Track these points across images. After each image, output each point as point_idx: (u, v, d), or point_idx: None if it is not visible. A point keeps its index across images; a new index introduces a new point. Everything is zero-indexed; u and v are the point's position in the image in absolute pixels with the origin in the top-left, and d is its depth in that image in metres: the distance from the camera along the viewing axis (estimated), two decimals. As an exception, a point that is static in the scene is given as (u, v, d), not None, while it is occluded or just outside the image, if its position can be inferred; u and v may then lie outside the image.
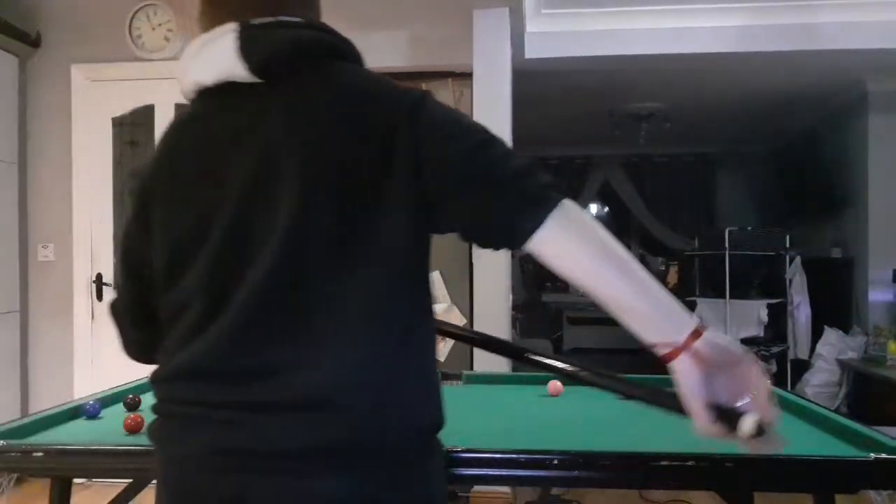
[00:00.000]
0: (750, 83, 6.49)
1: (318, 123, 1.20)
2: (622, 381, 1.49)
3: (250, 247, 1.18)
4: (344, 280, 1.16)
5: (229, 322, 1.17)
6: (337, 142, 1.19)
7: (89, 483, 4.09)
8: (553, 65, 5.33)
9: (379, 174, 1.17)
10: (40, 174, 4.95)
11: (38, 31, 4.93)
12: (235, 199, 1.20)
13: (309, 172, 1.17)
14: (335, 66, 1.26)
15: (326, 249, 1.16)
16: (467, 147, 1.18)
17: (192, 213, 1.24)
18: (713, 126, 8.32)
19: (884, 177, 6.43)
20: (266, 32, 1.25)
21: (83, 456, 1.92)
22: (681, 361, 1.15)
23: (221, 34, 1.26)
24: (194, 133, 1.30)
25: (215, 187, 1.22)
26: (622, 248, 1.16)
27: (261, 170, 1.19)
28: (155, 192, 1.30)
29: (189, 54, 1.30)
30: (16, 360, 4.82)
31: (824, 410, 2.30)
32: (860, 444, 1.92)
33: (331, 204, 1.16)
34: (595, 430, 2.24)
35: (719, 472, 1.82)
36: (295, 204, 1.16)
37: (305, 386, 1.14)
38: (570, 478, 1.94)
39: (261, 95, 1.23)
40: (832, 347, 6.29)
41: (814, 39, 5.02)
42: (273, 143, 1.20)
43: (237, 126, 1.24)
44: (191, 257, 1.22)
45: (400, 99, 1.21)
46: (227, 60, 1.23)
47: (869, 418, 2.54)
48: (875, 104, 6.47)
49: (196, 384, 1.20)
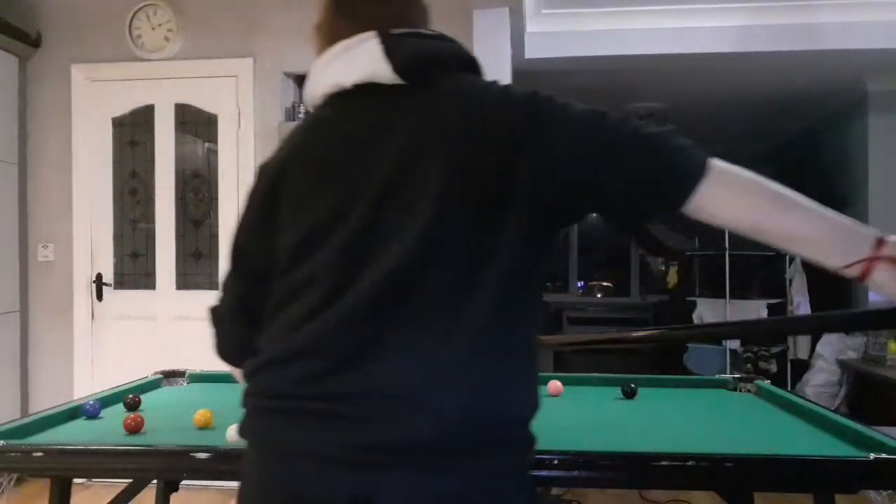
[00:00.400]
0: (750, 83, 6.50)
1: (456, 131, 1.23)
2: (830, 319, 1.55)
3: (380, 240, 1.21)
4: (468, 281, 1.18)
5: (350, 308, 1.19)
6: (472, 150, 1.22)
7: (89, 483, 4.10)
8: (553, 65, 5.34)
9: (507, 183, 1.20)
10: (40, 174, 4.96)
11: (39, 31, 4.94)
12: (370, 193, 1.24)
13: (445, 177, 1.20)
14: (466, 77, 1.33)
15: (456, 249, 1.19)
16: (607, 125, 1.24)
17: (326, 202, 1.28)
18: (713, 125, 8.32)
19: (883, 176, 6.43)
20: (408, 39, 1.34)
21: (83, 456, 1.93)
22: (879, 272, 1.20)
23: (363, 40, 1.33)
24: (329, 131, 1.35)
25: (351, 179, 1.27)
26: (781, 186, 1.24)
27: (398, 169, 1.23)
28: (285, 184, 1.35)
29: (326, 59, 1.37)
30: (16, 359, 4.83)
31: (824, 410, 2.31)
32: (860, 444, 1.93)
33: (465, 210, 1.20)
34: (595, 430, 2.25)
35: (719, 472, 1.82)
36: (431, 206, 1.19)
37: (429, 378, 1.15)
38: (570, 478, 1.94)
39: (400, 97, 1.29)
40: (832, 347, 6.29)
41: (814, 39, 5.03)
42: (412, 145, 1.24)
43: (375, 124, 1.30)
44: (320, 243, 1.25)
45: (522, 104, 1.25)
46: (374, 62, 1.30)
47: (869, 418, 2.54)
48: (875, 104, 6.46)
49: (311, 368, 1.19)
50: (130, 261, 4.97)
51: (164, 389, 2.84)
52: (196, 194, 4.88)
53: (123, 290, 4.94)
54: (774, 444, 2.06)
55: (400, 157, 1.23)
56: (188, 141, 4.96)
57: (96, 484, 3.99)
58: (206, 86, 4.85)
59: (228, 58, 4.79)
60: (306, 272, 1.25)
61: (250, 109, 4.77)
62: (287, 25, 4.74)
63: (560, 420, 2.40)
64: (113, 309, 4.91)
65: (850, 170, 6.85)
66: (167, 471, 2.18)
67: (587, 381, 2.98)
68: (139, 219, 4.98)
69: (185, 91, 4.88)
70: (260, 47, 4.74)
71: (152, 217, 4.93)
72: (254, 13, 4.79)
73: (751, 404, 2.66)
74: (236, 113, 4.80)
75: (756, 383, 2.85)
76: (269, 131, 4.67)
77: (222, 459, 1.83)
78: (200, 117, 4.89)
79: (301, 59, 4.83)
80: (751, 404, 2.66)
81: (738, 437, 2.17)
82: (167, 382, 2.91)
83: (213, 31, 4.80)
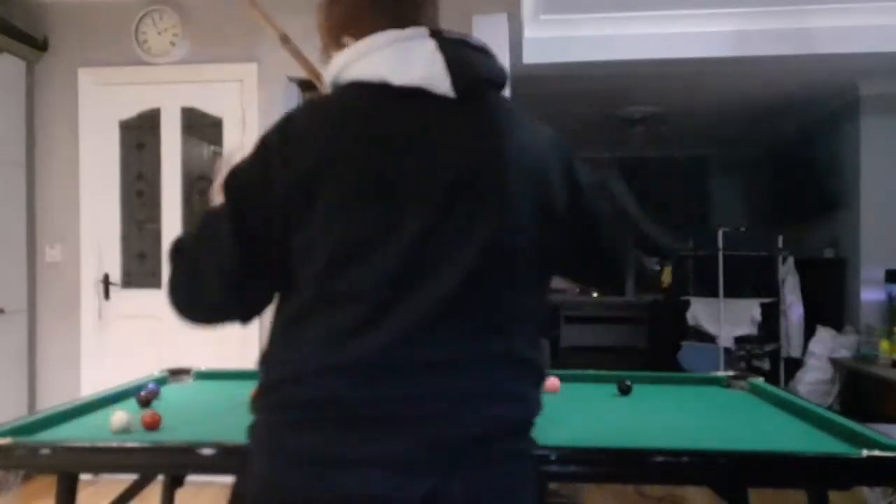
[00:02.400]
0: (744, 87, 6.54)
1: (510, 163, 1.31)
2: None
3: (434, 260, 1.23)
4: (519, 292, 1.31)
5: (414, 319, 1.21)
6: (526, 184, 1.32)
7: (95, 479, 4.15)
8: (551, 70, 5.37)
9: (547, 222, 1.34)
10: (48, 176, 5.00)
11: (46, 36, 4.98)
12: (430, 205, 1.24)
13: (505, 194, 1.29)
14: (508, 102, 1.42)
15: (504, 277, 1.29)
16: (609, 212, 1.49)
17: (375, 212, 1.23)
18: (708, 129, 8.36)
19: (876, 178, 6.49)
20: (463, 50, 1.33)
21: (89, 452, 1.94)
22: None
23: (416, 37, 1.30)
24: (373, 130, 1.27)
25: (404, 192, 1.24)
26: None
27: (458, 182, 1.26)
28: (325, 181, 1.23)
29: (367, 45, 1.30)
30: (23, 359, 4.87)
31: (817, 408, 2.32)
32: (853, 441, 1.94)
33: (524, 225, 1.31)
34: (592, 426, 2.26)
35: (714, 467, 1.86)
36: (493, 222, 1.27)
37: (488, 378, 1.26)
38: (567, 473, 1.97)
39: (450, 110, 1.28)
40: (824, 346, 6.33)
41: (807, 44, 5.05)
42: (468, 167, 1.27)
43: (428, 137, 1.27)
44: (367, 255, 1.21)
45: (562, 146, 1.44)
46: (433, 70, 1.27)
47: (861, 416, 2.59)
48: (867, 107, 6.52)
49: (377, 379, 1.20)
50: (137, 261, 5.03)
51: (170, 387, 2.83)
52: (202, 196, 4.93)
53: (130, 290, 4.99)
54: (768, 440, 2.07)
55: (455, 179, 1.26)
56: (194, 144, 5.01)
57: (103, 480, 4.04)
58: (212, 90, 4.90)
59: (233, 62, 4.83)
60: (352, 282, 1.21)
61: (255, 114, 4.81)
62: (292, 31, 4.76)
63: (557, 416, 2.41)
64: (120, 308, 4.95)
65: (843, 172, 6.90)
66: (173, 466, 2.20)
67: (584, 378, 2.99)
68: (146, 220, 5.03)
69: (190, 95, 4.92)
70: (264, 52, 4.76)
71: (159, 218, 4.97)
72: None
73: (744, 401, 2.66)
74: (241, 117, 4.85)
75: (749, 381, 2.85)
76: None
77: (228, 455, 1.82)
78: (206, 121, 4.94)
79: (305, 64, 4.89)
80: (744, 401, 2.66)
81: (732, 434, 2.18)
82: (173, 380, 2.91)
83: (219, 36, 4.84)
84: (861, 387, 5.96)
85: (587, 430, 2.21)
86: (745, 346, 6.68)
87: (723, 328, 6.64)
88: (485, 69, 1.34)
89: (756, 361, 6.61)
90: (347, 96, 1.31)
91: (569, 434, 2.08)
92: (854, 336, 6.33)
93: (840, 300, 6.84)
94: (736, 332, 6.67)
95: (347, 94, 1.31)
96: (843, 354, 6.25)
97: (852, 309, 6.64)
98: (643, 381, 2.91)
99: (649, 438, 2.05)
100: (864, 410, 5.57)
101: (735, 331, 6.67)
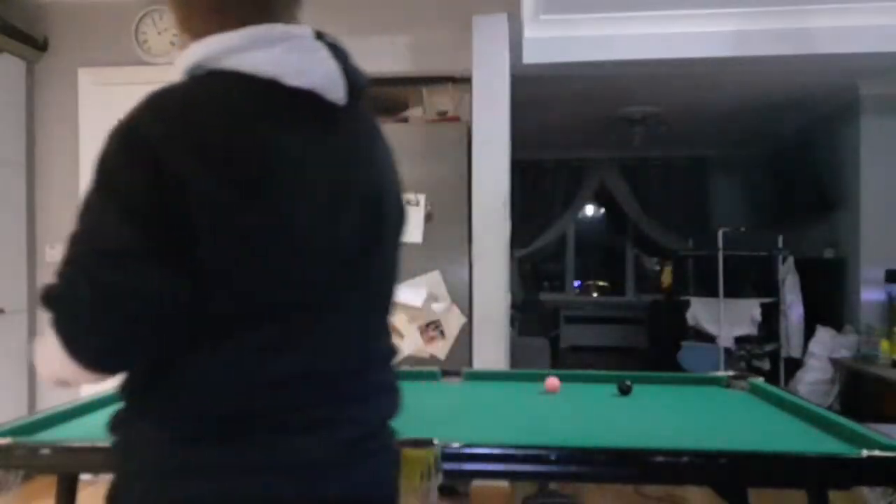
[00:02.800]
0: (744, 87, 6.55)
1: (382, 158, 1.37)
2: None
3: (363, 256, 1.28)
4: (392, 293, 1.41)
5: (352, 323, 1.27)
6: (395, 178, 1.40)
7: (96, 479, 4.15)
8: (550, 70, 5.36)
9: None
10: (48, 176, 5.01)
11: (46, 36, 4.99)
12: (352, 210, 1.24)
13: (393, 199, 1.37)
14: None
15: (396, 267, 1.40)
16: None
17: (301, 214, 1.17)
18: (708, 129, 8.36)
19: (875, 179, 6.49)
20: (345, 57, 1.29)
21: (89, 452, 1.95)
22: None
23: (308, 38, 1.24)
24: (267, 127, 1.16)
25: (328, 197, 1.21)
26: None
27: (372, 189, 1.30)
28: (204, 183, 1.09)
29: (264, 37, 1.20)
30: (23, 359, 4.86)
31: (817, 408, 2.33)
32: (853, 441, 1.96)
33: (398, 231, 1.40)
34: (592, 426, 2.28)
35: (714, 468, 1.87)
36: (392, 227, 1.36)
37: (392, 375, 1.39)
38: (568, 473, 1.98)
39: (337, 115, 1.26)
40: (824, 346, 6.33)
41: (807, 44, 5.05)
42: (366, 169, 1.31)
43: (327, 141, 1.23)
44: (305, 258, 1.18)
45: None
46: (333, 79, 1.24)
47: (861, 416, 2.60)
48: (867, 107, 6.52)
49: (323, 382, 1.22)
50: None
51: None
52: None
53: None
54: (768, 440, 2.09)
55: (371, 179, 1.31)
56: (193, 143, 5.00)
57: (103, 480, 4.04)
58: (211, 90, 4.87)
59: (232, 62, 4.82)
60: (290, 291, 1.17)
61: (254, 113, 4.79)
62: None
63: (557, 416, 2.44)
64: (119, 308, 4.93)
65: (843, 172, 6.90)
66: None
67: (584, 378, 3.02)
68: (145, 220, 5.01)
69: (190, 95, 4.90)
70: (263, 52, 4.77)
71: (158, 218, 4.95)
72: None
73: (744, 401, 2.67)
74: (240, 116, 4.82)
75: (749, 381, 2.87)
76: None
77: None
78: (205, 120, 4.93)
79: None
80: (744, 401, 2.67)
81: (733, 434, 2.19)
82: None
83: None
84: (861, 387, 5.97)
85: (587, 430, 2.23)
86: (745, 346, 6.69)
87: (723, 328, 6.64)
88: (363, 76, 1.33)
89: (756, 361, 6.61)
90: (232, 87, 1.17)
91: (569, 434, 2.11)
92: (854, 336, 6.34)
93: (840, 300, 6.84)
94: (736, 332, 6.67)
95: (230, 85, 1.18)
96: (843, 354, 6.26)
97: (852, 309, 6.64)
98: (643, 381, 2.93)
99: (649, 438, 2.06)
100: (865, 410, 5.57)
101: (735, 331, 6.67)
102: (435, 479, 1.86)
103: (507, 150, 4.58)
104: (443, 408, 2.62)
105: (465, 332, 4.51)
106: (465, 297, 4.54)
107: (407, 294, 4.49)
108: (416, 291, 4.50)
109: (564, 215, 9.80)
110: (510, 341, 4.67)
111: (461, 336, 4.51)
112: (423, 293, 4.50)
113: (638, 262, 10.42)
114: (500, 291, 4.50)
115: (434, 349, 4.50)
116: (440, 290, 4.53)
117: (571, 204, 9.82)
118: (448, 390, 2.95)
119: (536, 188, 9.74)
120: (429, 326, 4.51)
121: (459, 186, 4.56)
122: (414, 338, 4.52)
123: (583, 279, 10.82)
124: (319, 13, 4.91)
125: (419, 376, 3.16)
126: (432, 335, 4.51)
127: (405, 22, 4.78)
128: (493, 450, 1.93)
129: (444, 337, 4.51)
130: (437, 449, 1.87)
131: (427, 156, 4.58)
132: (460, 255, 4.56)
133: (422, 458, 1.85)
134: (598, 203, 10.62)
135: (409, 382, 3.02)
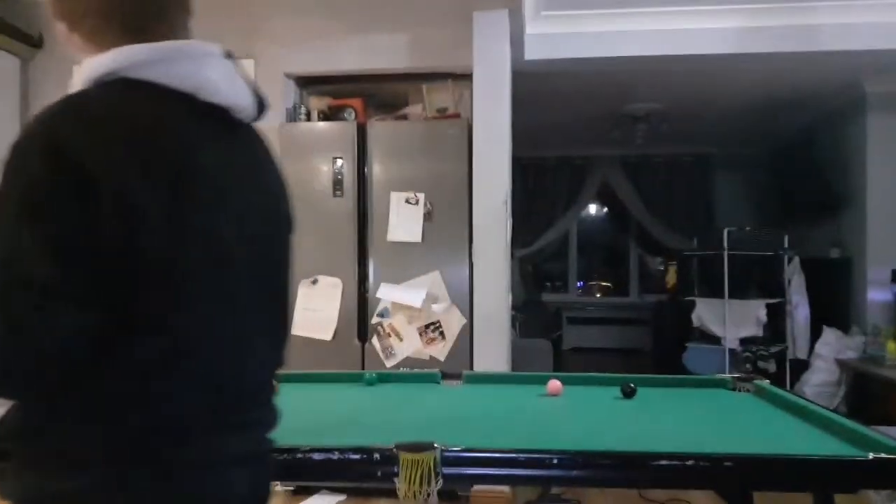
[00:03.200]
0: (748, 84, 6.51)
1: (277, 172, 1.44)
2: None
3: (264, 268, 1.34)
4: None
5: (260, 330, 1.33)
6: (286, 191, 1.47)
7: None
8: (552, 66, 5.34)
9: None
10: (42, 175, 4.96)
11: (41, 33, 4.96)
12: (255, 220, 1.31)
13: (285, 209, 1.45)
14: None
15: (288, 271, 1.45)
16: None
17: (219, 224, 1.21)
18: (712, 127, 8.33)
19: (882, 177, 6.46)
20: (248, 76, 1.36)
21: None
22: None
23: (217, 55, 1.29)
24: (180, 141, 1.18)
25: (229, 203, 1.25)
26: None
27: (270, 201, 1.40)
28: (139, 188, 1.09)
29: (180, 52, 1.23)
30: None
31: (823, 410, 2.31)
32: (859, 443, 1.94)
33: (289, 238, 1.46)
34: (594, 429, 2.26)
35: (718, 471, 1.84)
36: (285, 240, 1.43)
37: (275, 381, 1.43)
38: (570, 477, 1.95)
39: (244, 132, 1.35)
40: (831, 347, 6.30)
41: (812, 41, 5.03)
42: (265, 181, 1.39)
43: (237, 159, 1.31)
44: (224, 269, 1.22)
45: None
46: (245, 97, 1.31)
47: (868, 418, 2.56)
48: (873, 105, 6.49)
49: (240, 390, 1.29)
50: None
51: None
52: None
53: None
54: (774, 443, 2.07)
55: (268, 192, 1.39)
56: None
57: None
58: (208, 87, 4.84)
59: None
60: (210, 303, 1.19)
61: (251, 111, 4.77)
62: (288, 28, 4.77)
63: (560, 419, 2.43)
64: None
65: (849, 170, 6.87)
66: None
67: (587, 381, 2.99)
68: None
69: (186, 92, 4.88)
70: (260, 49, 4.75)
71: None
72: (254, 15, 4.81)
73: (750, 404, 2.66)
74: (237, 114, 4.80)
75: (755, 383, 2.86)
76: (270, 132, 4.67)
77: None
78: (202, 118, 4.90)
79: (302, 61, 4.85)
80: (750, 404, 2.66)
81: (738, 437, 2.17)
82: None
83: (214, 32, 4.71)
84: (868, 388, 5.94)
85: (590, 433, 2.21)
86: (751, 348, 6.63)
87: (728, 329, 6.60)
88: (266, 97, 1.39)
89: (762, 363, 6.56)
90: (151, 97, 1.18)
91: (572, 437, 2.10)
92: (860, 337, 6.30)
93: (846, 301, 6.80)
94: (741, 332, 6.63)
95: (151, 94, 1.18)
96: (850, 356, 6.22)
97: (858, 309, 6.60)
98: (647, 383, 2.93)
99: (653, 442, 2.05)
100: (871, 412, 5.54)
101: (740, 332, 6.63)
102: (435, 484, 1.84)
103: (507, 148, 4.54)
104: (443, 411, 2.61)
105: (466, 333, 4.46)
106: (466, 298, 4.50)
107: (406, 294, 4.45)
108: (416, 292, 4.46)
109: (566, 214, 9.74)
110: (511, 343, 4.63)
111: (461, 337, 4.47)
112: (423, 293, 4.46)
113: (642, 262, 10.37)
114: (502, 292, 4.46)
115: (434, 351, 4.46)
116: (440, 290, 4.49)
117: (574, 202, 9.75)
118: (448, 393, 2.93)
119: (538, 186, 9.68)
120: (428, 328, 4.47)
121: (460, 185, 4.52)
122: (413, 339, 4.48)
123: (585, 279, 10.79)
124: (320, 11, 4.90)
125: (419, 379, 3.16)
126: (432, 336, 4.47)
127: (405, 18, 4.76)
128: (494, 454, 1.91)
129: (443, 338, 4.47)
130: (437, 453, 1.85)
131: (427, 153, 4.55)
132: (460, 255, 4.51)
133: (422, 462, 1.84)
134: (600, 202, 10.57)
135: (409, 385, 3.02)
